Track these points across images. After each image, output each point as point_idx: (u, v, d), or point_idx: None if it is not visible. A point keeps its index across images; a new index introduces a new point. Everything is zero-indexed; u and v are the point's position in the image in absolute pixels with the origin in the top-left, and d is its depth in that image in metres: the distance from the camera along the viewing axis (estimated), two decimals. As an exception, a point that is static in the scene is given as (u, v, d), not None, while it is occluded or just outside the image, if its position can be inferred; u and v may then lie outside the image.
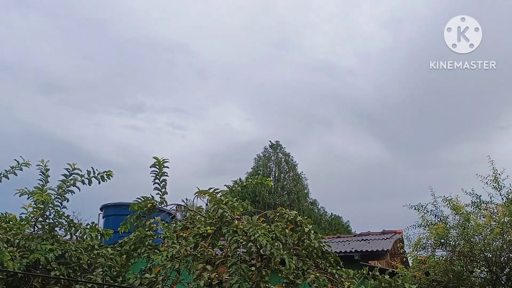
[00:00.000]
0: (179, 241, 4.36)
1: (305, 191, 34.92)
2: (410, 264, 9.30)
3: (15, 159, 4.98)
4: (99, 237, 5.09)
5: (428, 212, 8.15)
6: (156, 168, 5.08)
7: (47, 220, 4.83)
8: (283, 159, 35.53)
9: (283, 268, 4.16)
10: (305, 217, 4.56)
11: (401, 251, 9.58)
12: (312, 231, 4.36)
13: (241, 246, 4.19)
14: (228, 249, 4.21)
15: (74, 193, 4.98)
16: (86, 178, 4.96)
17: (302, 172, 35.48)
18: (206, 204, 4.83)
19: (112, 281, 4.36)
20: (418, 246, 7.90)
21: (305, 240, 4.44)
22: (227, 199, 4.52)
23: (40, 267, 4.53)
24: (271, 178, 34.08)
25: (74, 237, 5.03)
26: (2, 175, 4.94)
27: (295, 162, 35.62)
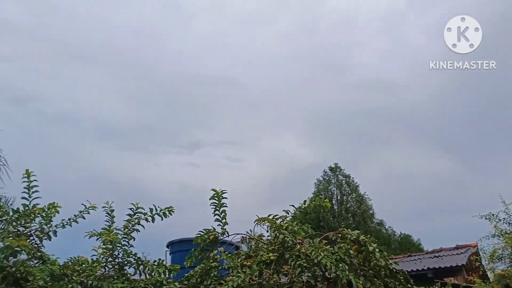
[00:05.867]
0: (244, 270, 4.37)
1: (370, 212, 34.11)
2: (491, 279, 8.78)
3: (82, 204, 5.23)
4: (167, 273, 5.19)
5: (500, 221, 7.73)
6: (215, 199, 5.17)
7: (117, 260, 4.99)
8: (343, 181, 35.01)
9: (351, 290, 4.07)
10: (368, 236, 4.46)
11: (477, 265, 9.08)
12: (377, 250, 4.25)
13: (306, 270, 4.15)
14: (293, 274, 4.18)
15: (139, 231, 5.14)
16: (149, 216, 5.12)
17: (365, 192, 34.78)
18: (267, 231, 4.84)
19: (182, 315, 4.42)
20: (494, 258, 7.47)
21: (371, 260, 4.34)
22: (287, 224, 4.52)
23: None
24: (334, 201, 33.61)
25: (143, 275, 5.15)
26: (71, 220, 5.19)
27: (357, 183, 35.00)
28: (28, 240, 4.74)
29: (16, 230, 4.91)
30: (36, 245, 4.87)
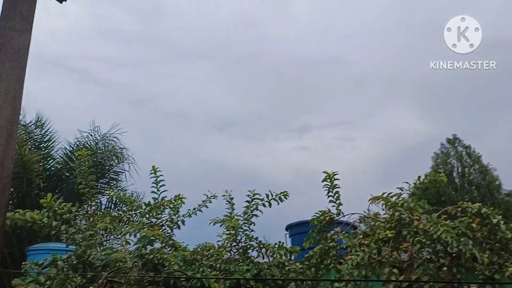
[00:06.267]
0: (362, 248, 4.43)
1: (497, 183, 31.78)
2: None
3: (204, 194, 5.65)
4: (288, 254, 5.41)
5: None
6: (328, 181, 5.27)
7: (240, 244, 5.32)
8: (463, 153, 32.96)
9: (477, 264, 3.95)
10: (491, 208, 4.26)
11: None
12: (502, 222, 4.06)
13: (426, 246, 4.10)
14: (413, 251, 4.16)
15: (258, 216, 5.42)
16: (266, 201, 5.37)
17: (489, 163, 32.41)
18: (383, 209, 4.84)
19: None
20: None
21: (496, 233, 4.15)
22: (402, 201, 4.48)
23: (242, 287, 4.99)
24: (455, 174, 31.87)
25: (266, 257, 5.43)
26: (196, 209, 5.63)
27: (478, 153, 32.73)
28: (161, 230, 5.23)
29: (149, 221, 5.46)
30: (168, 234, 5.37)
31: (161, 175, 5.58)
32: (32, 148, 12.35)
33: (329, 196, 5.26)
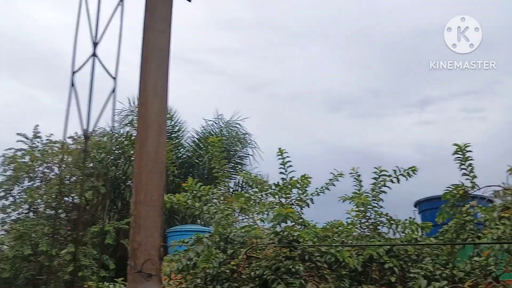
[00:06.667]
0: (502, 222, 4.24)
1: None
2: None
3: (330, 172, 5.75)
4: (420, 230, 5.34)
5: None
6: (459, 154, 5.08)
7: (370, 221, 5.36)
8: None
9: None
10: None
11: None
12: None
13: None
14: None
15: (386, 193, 5.40)
16: (394, 177, 5.33)
17: None
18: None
19: (442, 268, 4.53)
20: None
21: None
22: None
23: (375, 262, 5.04)
24: None
25: (397, 233, 5.40)
26: (323, 188, 5.77)
27: None
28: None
29: (279, 201, 5.71)
30: (297, 213, 5.58)
31: (287, 156, 5.78)
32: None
33: (461, 169, 5.07)
